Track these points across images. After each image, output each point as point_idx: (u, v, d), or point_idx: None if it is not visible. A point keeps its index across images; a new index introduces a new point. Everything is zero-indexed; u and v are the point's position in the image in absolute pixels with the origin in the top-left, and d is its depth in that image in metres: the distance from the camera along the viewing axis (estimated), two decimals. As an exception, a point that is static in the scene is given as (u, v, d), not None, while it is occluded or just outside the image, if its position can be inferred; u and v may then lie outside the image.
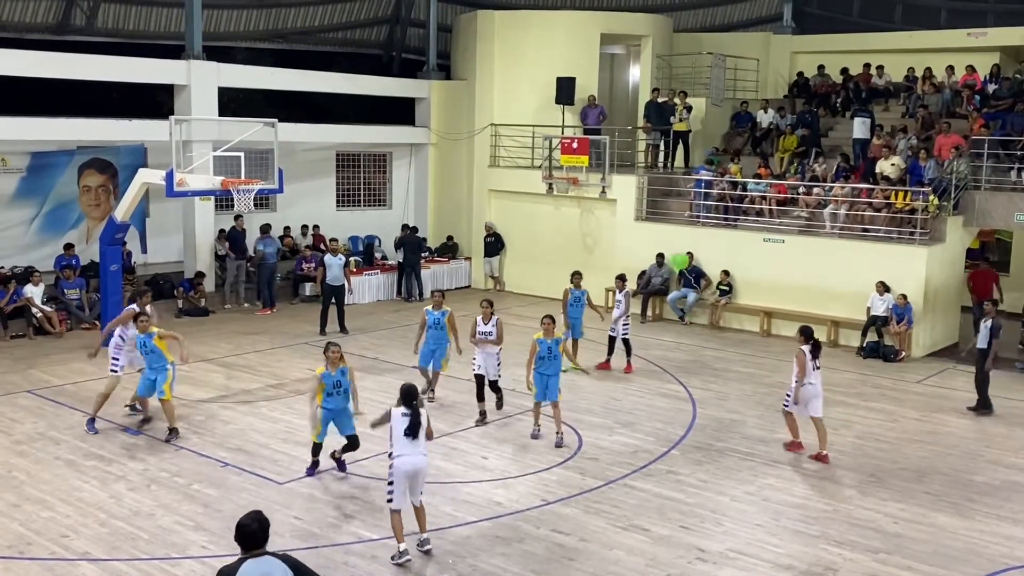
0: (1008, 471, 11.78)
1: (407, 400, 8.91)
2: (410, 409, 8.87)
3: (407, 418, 8.83)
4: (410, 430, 8.80)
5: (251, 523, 5.57)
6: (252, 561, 5.48)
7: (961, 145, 19.19)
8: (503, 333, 13.25)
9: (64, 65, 18.95)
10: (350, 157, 25.40)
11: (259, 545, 5.56)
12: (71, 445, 11.85)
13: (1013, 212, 18.29)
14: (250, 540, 5.56)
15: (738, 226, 20.18)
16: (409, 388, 9.01)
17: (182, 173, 15.78)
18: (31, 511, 9.88)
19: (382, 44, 27.55)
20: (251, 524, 5.57)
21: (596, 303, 16.58)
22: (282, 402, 13.87)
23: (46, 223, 20.05)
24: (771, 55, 26.89)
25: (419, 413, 8.89)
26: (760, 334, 19.19)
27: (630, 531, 9.71)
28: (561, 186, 22.38)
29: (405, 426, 8.80)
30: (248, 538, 5.56)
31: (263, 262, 20.63)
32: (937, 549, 9.45)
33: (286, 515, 9.91)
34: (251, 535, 5.55)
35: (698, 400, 14.54)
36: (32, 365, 15.74)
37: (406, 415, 8.84)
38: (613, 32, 24.45)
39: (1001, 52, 23.42)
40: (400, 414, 8.86)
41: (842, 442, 12.66)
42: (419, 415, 8.87)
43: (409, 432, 8.80)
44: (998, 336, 14.13)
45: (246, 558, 5.50)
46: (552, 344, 12.34)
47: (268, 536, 5.60)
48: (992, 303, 14.56)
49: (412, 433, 8.81)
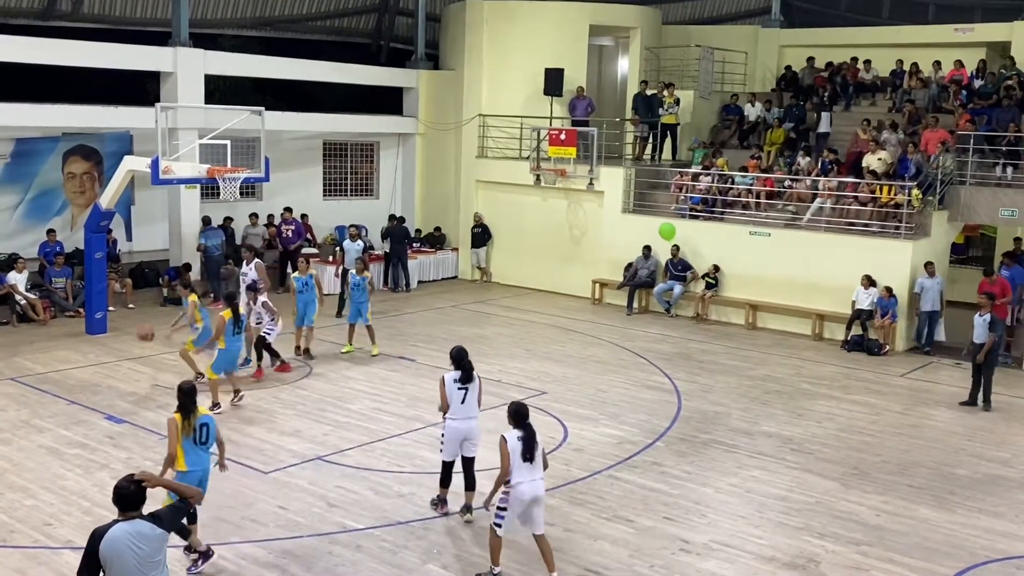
0: (990, 465, 11.87)
1: (518, 421, 8.19)
2: (524, 431, 8.13)
3: (522, 442, 8.07)
4: (527, 453, 8.06)
5: (128, 485, 5.83)
6: (125, 523, 5.71)
7: (947, 140, 19.28)
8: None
9: (49, 51, 18.80)
10: (337, 146, 25.32)
11: (134, 507, 5.80)
12: (54, 433, 11.80)
13: (997, 207, 18.39)
14: (124, 502, 5.79)
15: (724, 219, 20.23)
16: (518, 408, 8.29)
17: (168, 161, 15.69)
18: (14, 499, 9.84)
19: (370, 33, 27.47)
20: (128, 487, 5.83)
21: (581, 296, 16.57)
22: (267, 391, 13.85)
23: (30, 210, 19.93)
24: (759, 48, 26.91)
25: (534, 435, 8.14)
26: (745, 327, 19.26)
27: (614, 522, 9.75)
28: (549, 178, 22.37)
29: (521, 450, 8.04)
30: (122, 500, 5.80)
31: (207, 255, 20.10)
32: (919, 541, 9.51)
33: (270, 504, 9.90)
34: (126, 497, 5.80)
35: (683, 392, 14.59)
36: (16, 352, 15.66)
37: (521, 439, 8.09)
38: (602, 24, 24.42)
39: (987, 48, 23.51)
40: (516, 438, 8.09)
41: (825, 435, 12.73)
42: (534, 437, 8.12)
43: (527, 456, 8.05)
44: (996, 331, 14.20)
45: (119, 520, 5.74)
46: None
47: (144, 500, 5.85)
48: (989, 297, 14.54)
49: (529, 457, 8.07)
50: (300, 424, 12.51)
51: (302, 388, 14.15)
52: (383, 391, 14.12)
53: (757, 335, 18.74)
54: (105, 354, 15.53)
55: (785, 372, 16.03)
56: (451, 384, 9.50)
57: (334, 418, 12.81)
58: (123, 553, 5.61)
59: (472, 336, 17.54)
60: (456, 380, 9.52)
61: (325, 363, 15.52)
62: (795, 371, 16.12)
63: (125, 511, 5.78)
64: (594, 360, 16.41)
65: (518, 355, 16.55)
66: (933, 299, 17.47)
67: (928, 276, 17.40)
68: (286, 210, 22.34)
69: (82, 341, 16.52)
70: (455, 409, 9.47)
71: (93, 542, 5.62)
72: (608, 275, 21.35)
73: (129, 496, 5.81)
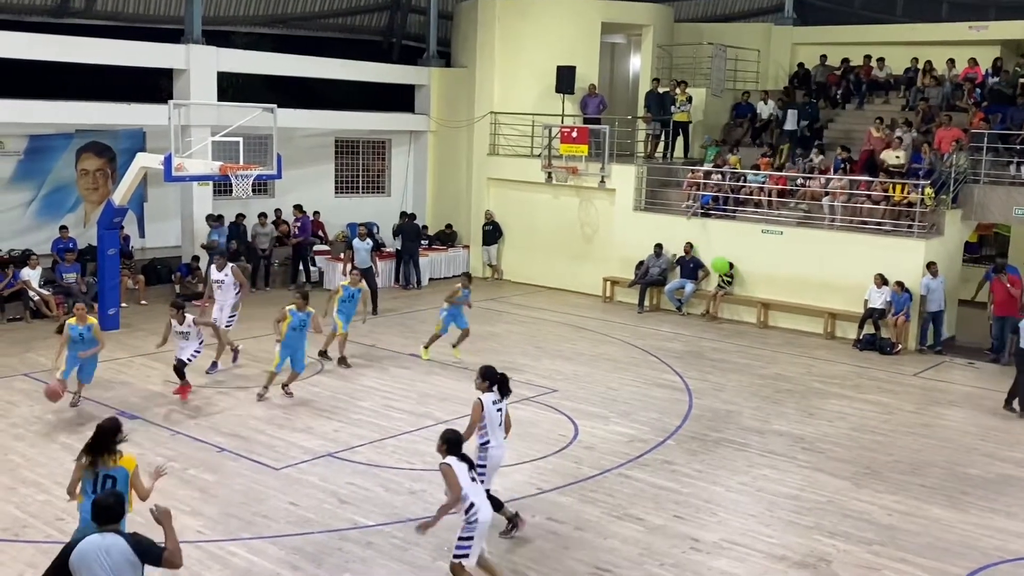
0: (1003, 464, 11.81)
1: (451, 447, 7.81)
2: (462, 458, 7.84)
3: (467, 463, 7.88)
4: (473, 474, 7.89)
5: (108, 497, 5.85)
6: (98, 536, 5.67)
7: (961, 138, 19.18)
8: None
9: (63, 48, 18.85)
10: (349, 144, 25.34)
11: (110, 521, 5.77)
12: (67, 429, 11.86)
13: (1011, 206, 18.28)
14: (103, 515, 5.77)
15: (737, 217, 20.18)
16: (455, 434, 7.96)
17: (180, 158, 15.74)
18: (27, 494, 9.89)
19: (382, 31, 27.47)
20: (107, 499, 5.84)
21: (592, 294, 16.53)
22: (278, 388, 13.87)
23: (43, 206, 20.01)
24: (772, 46, 26.80)
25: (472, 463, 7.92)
26: (757, 325, 19.20)
27: (625, 520, 9.73)
28: (560, 175, 22.36)
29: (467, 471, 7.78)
30: (100, 512, 5.78)
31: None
32: (931, 541, 9.47)
33: (282, 501, 9.92)
34: (105, 509, 5.79)
35: (694, 391, 14.56)
36: (29, 348, 15.73)
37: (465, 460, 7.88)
38: (614, 21, 24.39)
39: (1002, 46, 23.37)
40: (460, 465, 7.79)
41: (837, 434, 12.69)
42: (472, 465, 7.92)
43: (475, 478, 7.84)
44: None
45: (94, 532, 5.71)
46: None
47: (123, 515, 5.90)
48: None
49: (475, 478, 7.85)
50: (311, 421, 12.53)
51: (313, 385, 14.17)
52: (394, 388, 14.13)
53: (769, 334, 18.69)
54: (118, 350, 15.57)
55: (797, 371, 15.98)
56: (491, 407, 8.88)
57: (345, 415, 12.83)
58: (91, 566, 5.57)
59: (483, 334, 17.54)
60: (495, 401, 8.94)
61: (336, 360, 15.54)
62: (807, 370, 16.07)
63: (102, 524, 5.73)
64: (605, 358, 16.39)
65: (529, 352, 16.54)
66: (939, 299, 17.34)
67: (932, 276, 17.30)
68: (296, 208, 22.41)
69: (95, 337, 16.57)
70: (495, 433, 8.90)
71: (64, 552, 5.61)
72: (619, 273, 21.32)
73: (108, 509, 5.77)
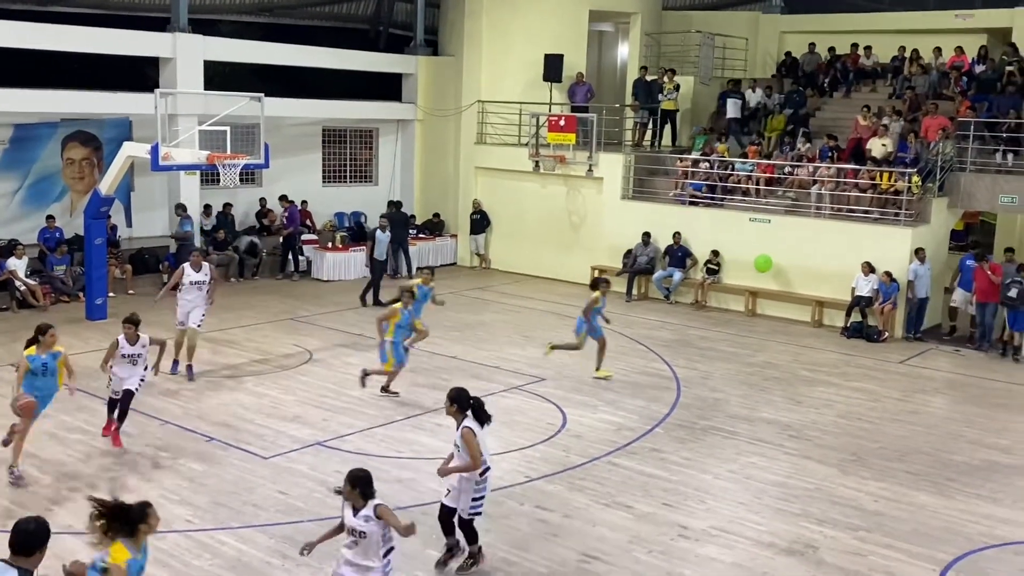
0: (988, 451, 11.90)
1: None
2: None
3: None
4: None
5: (28, 524, 5.22)
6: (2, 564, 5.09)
7: (947, 127, 19.25)
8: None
9: (48, 36, 18.72)
10: (336, 133, 25.24)
11: (21, 553, 5.16)
12: (56, 419, 11.79)
13: (997, 194, 18.37)
14: (19, 543, 5.18)
15: (724, 205, 20.21)
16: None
17: (167, 147, 15.65)
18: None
19: (369, 19, 27.36)
20: (28, 526, 5.21)
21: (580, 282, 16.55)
22: (267, 377, 13.87)
23: (29, 196, 19.88)
24: (760, 34, 26.83)
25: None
26: (745, 314, 19.27)
27: (613, 508, 9.78)
28: (548, 164, 22.34)
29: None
30: (18, 540, 5.19)
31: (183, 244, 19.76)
32: (917, 528, 9.55)
33: (271, 489, 9.93)
34: (24, 536, 5.19)
35: (682, 379, 14.62)
36: (16, 338, 15.54)
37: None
38: (601, 9, 24.35)
39: (988, 34, 23.44)
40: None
41: (824, 422, 12.76)
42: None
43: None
44: None
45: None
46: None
47: (37, 548, 5.19)
48: None
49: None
50: (300, 410, 12.53)
51: (302, 374, 14.17)
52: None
53: (756, 322, 18.76)
54: (106, 340, 15.38)
55: (784, 359, 16.05)
56: (482, 433, 8.29)
57: (333, 403, 12.83)
58: None
59: (471, 322, 17.55)
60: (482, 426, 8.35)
61: (324, 350, 15.53)
62: (794, 358, 16.14)
63: (13, 553, 5.14)
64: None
65: (517, 341, 16.56)
66: (927, 285, 17.48)
67: (920, 262, 17.38)
68: (282, 198, 22.38)
69: (82, 327, 16.52)
70: (488, 457, 8.36)
71: None
72: (607, 261, 21.33)
73: (27, 537, 5.16)
